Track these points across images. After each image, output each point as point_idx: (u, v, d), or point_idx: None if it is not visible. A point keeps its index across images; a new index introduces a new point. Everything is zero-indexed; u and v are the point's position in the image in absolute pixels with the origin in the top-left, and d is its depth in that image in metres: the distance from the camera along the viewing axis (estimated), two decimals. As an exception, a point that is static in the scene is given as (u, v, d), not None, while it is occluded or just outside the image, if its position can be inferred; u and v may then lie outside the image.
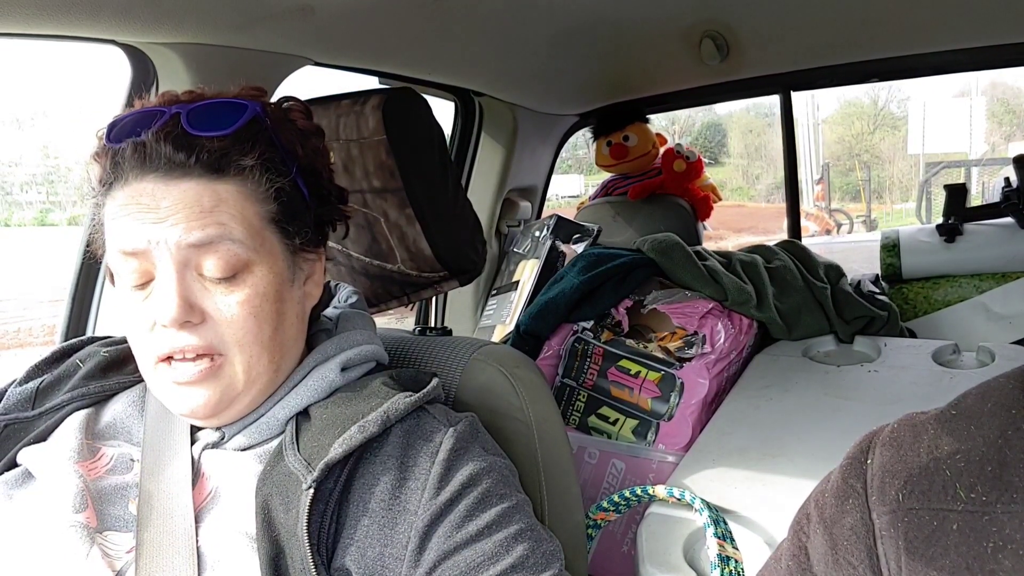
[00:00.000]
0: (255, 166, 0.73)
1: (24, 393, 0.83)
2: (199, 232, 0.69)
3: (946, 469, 0.49)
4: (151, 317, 0.70)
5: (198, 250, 0.70)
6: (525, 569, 0.65)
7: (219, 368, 0.71)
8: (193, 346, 0.70)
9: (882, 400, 1.22)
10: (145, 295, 0.71)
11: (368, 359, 0.83)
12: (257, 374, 0.73)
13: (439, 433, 0.72)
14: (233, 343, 0.71)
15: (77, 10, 0.95)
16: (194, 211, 0.70)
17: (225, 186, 0.72)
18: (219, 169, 0.72)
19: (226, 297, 0.71)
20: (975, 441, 0.49)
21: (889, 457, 0.52)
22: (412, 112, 1.04)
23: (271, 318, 0.73)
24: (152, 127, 0.72)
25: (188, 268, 0.70)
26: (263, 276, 0.73)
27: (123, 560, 0.69)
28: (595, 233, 1.93)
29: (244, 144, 0.73)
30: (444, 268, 1.07)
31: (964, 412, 0.51)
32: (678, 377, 1.33)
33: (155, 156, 0.71)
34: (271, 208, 0.75)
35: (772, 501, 1.00)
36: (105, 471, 0.75)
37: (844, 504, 0.53)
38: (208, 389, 0.71)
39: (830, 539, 0.52)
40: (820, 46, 1.79)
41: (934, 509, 0.48)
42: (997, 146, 15.21)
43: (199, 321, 0.70)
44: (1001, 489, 0.46)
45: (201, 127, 0.72)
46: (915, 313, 1.85)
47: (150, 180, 0.71)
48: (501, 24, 1.47)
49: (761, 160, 19.07)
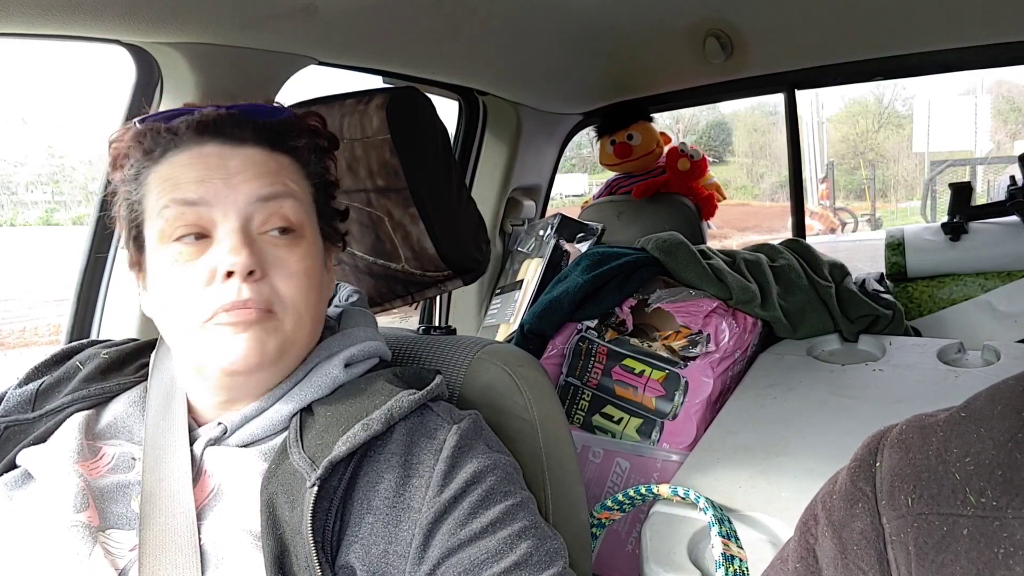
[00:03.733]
0: (304, 147, 0.80)
1: (24, 395, 0.83)
2: (268, 187, 0.74)
3: (955, 473, 0.48)
4: (206, 271, 0.71)
5: (265, 205, 0.73)
6: (529, 566, 0.65)
7: (272, 319, 0.73)
8: (255, 299, 0.71)
9: (887, 399, 1.21)
10: (193, 252, 0.72)
11: (371, 355, 0.84)
12: (302, 336, 0.76)
13: (443, 430, 0.72)
14: (287, 301, 0.74)
15: (81, 10, 0.95)
16: (261, 170, 0.75)
17: (283, 157, 0.78)
18: (276, 144, 0.78)
19: (285, 253, 0.74)
20: (984, 444, 0.48)
21: (898, 460, 0.51)
22: (416, 111, 1.04)
23: (317, 286, 0.78)
24: (199, 112, 0.76)
25: (251, 222, 0.73)
26: (313, 243, 0.78)
27: (126, 559, 0.69)
28: (599, 232, 1.93)
29: (292, 129, 0.80)
30: (448, 267, 1.07)
31: (973, 414, 0.50)
32: (682, 376, 1.33)
33: (219, 125, 0.75)
34: (314, 190, 0.81)
35: (777, 500, 1.00)
36: (107, 470, 0.75)
37: (853, 508, 0.52)
38: (260, 335, 0.72)
39: (839, 543, 0.52)
40: (824, 44, 1.78)
41: (943, 514, 0.47)
42: (1002, 144, 15.14)
43: (260, 276, 0.72)
44: (1012, 494, 0.45)
45: (251, 115, 0.78)
46: (920, 312, 1.85)
47: (215, 145, 0.75)
48: (505, 23, 1.47)
49: (765, 159, 19.02)
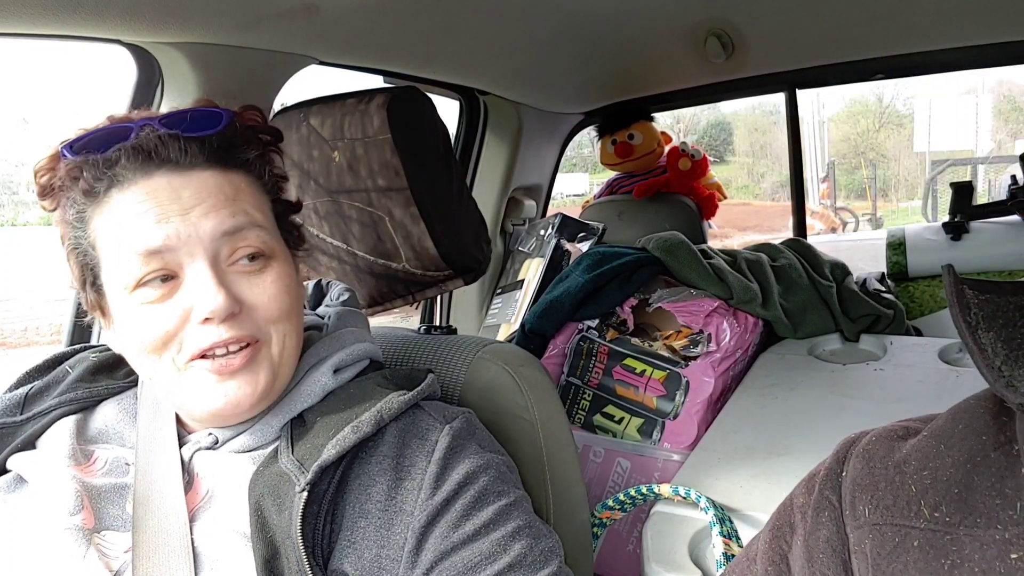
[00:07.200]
0: (256, 159, 0.75)
1: (13, 399, 0.82)
2: (231, 220, 0.69)
3: (912, 485, 0.49)
4: (179, 311, 0.67)
5: (230, 238, 0.69)
6: (524, 567, 0.64)
7: (258, 353, 0.71)
8: (236, 337, 0.68)
9: (888, 399, 1.21)
10: (162, 294, 0.68)
11: (361, 358, 0.83)
12: (288, 355, 0.73)
13: (434, 431, 0.72)
14: (269, 323, 0.71)
15: (83, 10, 0.95)
16: (219, 199, 0.69)
17: (238, 176, 0.73)
18: (227, 161, 0.72)
19: (259, 279, 0.71)
20: (943, 461, 0.49)
21: (860, 470, 0.52)
22: (417, 111, 1.04)
23: (295, 299, 0.75)
24: (134, 134, 0.70)
25: (219, 258, 0.69)
26: (284, 263, 0.74)
27: (120, 560, 0.68)
28: (600, 232, 1.93)
29: (238, 139, 0.74)
30: (449, 267, 1.07)
31: (934, 431, 0.51)
32: (683, 376, 1.32)
33: (162, 151, 0.69)
34: (272, 203, 0.77)
35: (777, 500, 0.98)
36: (100, 473, 0.75)
37: (819, 516, 0.53)
38: (252, 376, 0.70)
39: (807, 551, 0.53)
40: (825, 44, 1.78)
41: (897, 525, 0.48)
42: (1004, 143, 15.14)
43: (239, 311, 0.69)
44: (965, 512, 0.46)
45: (190, 130, 0.71)
46: (921, 311, 1.85)
47: (162, 175, 0.69)
48: (506, 23, 1.47)
49: (766, 158, 19.04)
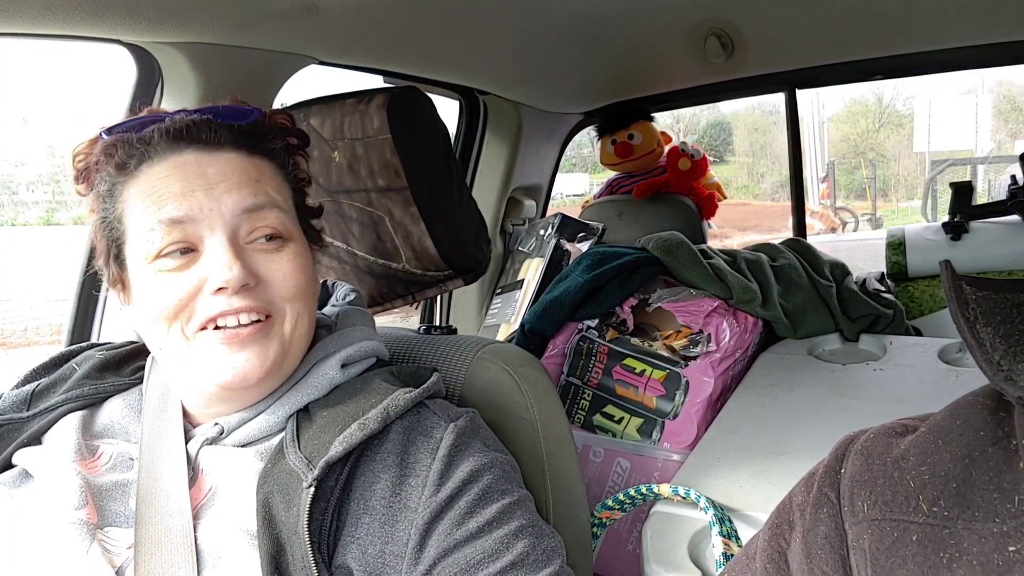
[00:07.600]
0: (281, 149, 0.79)
1: (20, 395, 0.83)
2: (252, 198, 0.72)
3: (910, 480, 0.49)
4: (194, 281, 0.70)
5: (249, 216, 0.72)
6: (526, 566, 0.65)
7: (270, 328, 0.72)
8: (248, 306, 0.70)
9: (888, 398, 1.21)
10: (180, 264, 0.70)
11: (368, 355, 0.83)
12: (299, 336, 0.75)
13: (439, 429, 0.72)
14: (284, 300, 0.73)
15: (82, 10, 0.95)
16: (243, 178, 0.73)
17: (262, 161, 0.76)
18: (254, 147, 0.76)
19: (275, 257, 0.73)
20: (942, 456, 0.49)
21: (859, 467, 0.53)
22: (417, 111, 1.04)
23: (311, 282, 0.77)
24: (168, 119, 0.74)
25: (237, 234, 0.72)
26: (301, 247, 0.77)
27: (123, 556, 0.69)
28: (600, 231, 1.93)
29: (266, 131, 0.78)
30: (449, 267, 1.07)
31: (933, 427, 0.52)
32: (683, 376, 1.32)
33: (193, 131, 0.73)
34: (294, 193, 0.80)
35: (777, 499, 0.98)
36: (105, 469, 0.75)
37: (818, 513, 0.53)
38: (263, 349, 0.71)
39: (805, 547, 0.53)
40: (825, 44, 1.78)
41: (895, 520, 0.49)
42: (1003, 143, 15.14)
43: (254, 285, 0.71)
44: (963, 506, 0.47)
45: (221, 118, 0.76)
46: (921, 311, 1.85)
47: (191, 152, 0.73)
48: (506, 23, 1.47)
49: (766, 158, 19.03)
